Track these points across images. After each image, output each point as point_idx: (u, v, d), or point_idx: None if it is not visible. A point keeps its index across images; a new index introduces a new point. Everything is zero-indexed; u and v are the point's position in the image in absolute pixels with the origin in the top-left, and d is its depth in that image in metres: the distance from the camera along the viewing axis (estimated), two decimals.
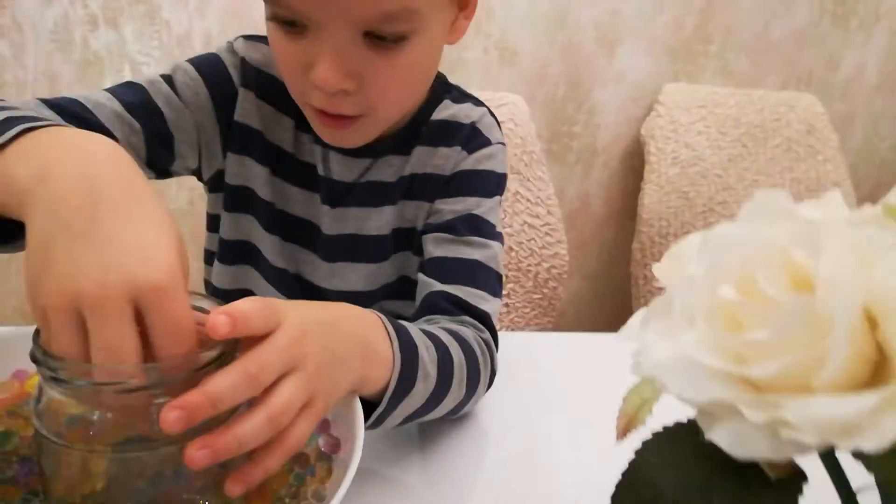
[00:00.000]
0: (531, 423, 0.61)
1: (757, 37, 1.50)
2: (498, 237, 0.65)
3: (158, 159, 0.62)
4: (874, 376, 0.21)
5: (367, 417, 0.44)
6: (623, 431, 0.28)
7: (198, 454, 0.32)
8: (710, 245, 0.24)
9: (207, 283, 0.77)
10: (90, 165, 0.36)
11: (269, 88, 0.65)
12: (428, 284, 0.61)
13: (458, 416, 0.58)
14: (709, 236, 0.24)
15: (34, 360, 0.33)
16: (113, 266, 0.32)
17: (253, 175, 0.67)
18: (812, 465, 0.23)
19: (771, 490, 0.21)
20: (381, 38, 0.52)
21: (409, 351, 0.47)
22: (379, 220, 0.68)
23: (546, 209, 1.13)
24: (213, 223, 0.73)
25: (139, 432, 0.34)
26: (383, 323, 0.47)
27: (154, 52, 1.33)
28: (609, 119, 1.52)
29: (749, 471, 0.22)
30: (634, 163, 1.55)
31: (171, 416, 0.31)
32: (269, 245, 0.69)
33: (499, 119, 0.71)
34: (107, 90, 0.59)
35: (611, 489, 0.26)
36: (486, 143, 0.68)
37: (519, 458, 0.56)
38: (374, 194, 0.67)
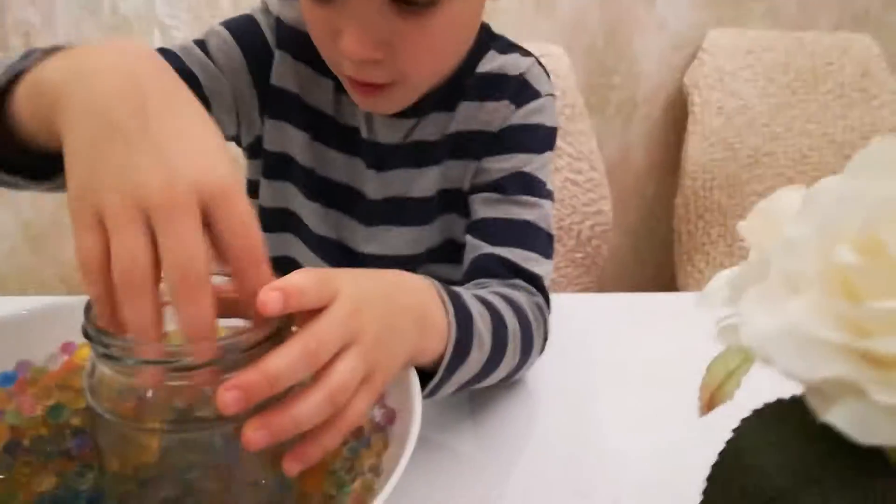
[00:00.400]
0: (580, 387, 0.59)
1: None
2: (549, 195, 0.62)
3: None
4: None
5: (421, 387, 0.43)
6: (707, 406, 0.26)
7: (255, 435, 0.30)
8: (818, 202, 0.21)
9: None
10: (130, 62, 0.34)
11: (306, 48, 0.62)
12: (477, 247, 0.59)
13: (510, 382, 0.57)
14: (816, 192, 0.22)
15: (86, 335, 0.31)
16: (180, 167, 0.30)
17: (291, 141, 0.65)
18: None
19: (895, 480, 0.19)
20: (410, 3, 0.49)
21: (464, 320, 0.45)
22: (424, 182, 0.65)
23: (589, 164, 1.09)
24: (252, 190, 0.71)
25: (193, 409, 0.33)
26: (437, 291, 0.45)
27: (182, 15, 1.31)
28: (650, 68, 1.46)
29: (870, 457, 0.19)
30: (677, 114, 1.49)
31: (228, 396, 0.29)
32: (309, 212, 0.67)
33: None
34: None
35: (662, 453, 0.24)
36: (536, 95, 0.64)
37: (569, 423, 0.55)
38: (419, 154, 0.65)
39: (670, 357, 0.54)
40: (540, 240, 0.60)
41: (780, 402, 0.22)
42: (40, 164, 0.42)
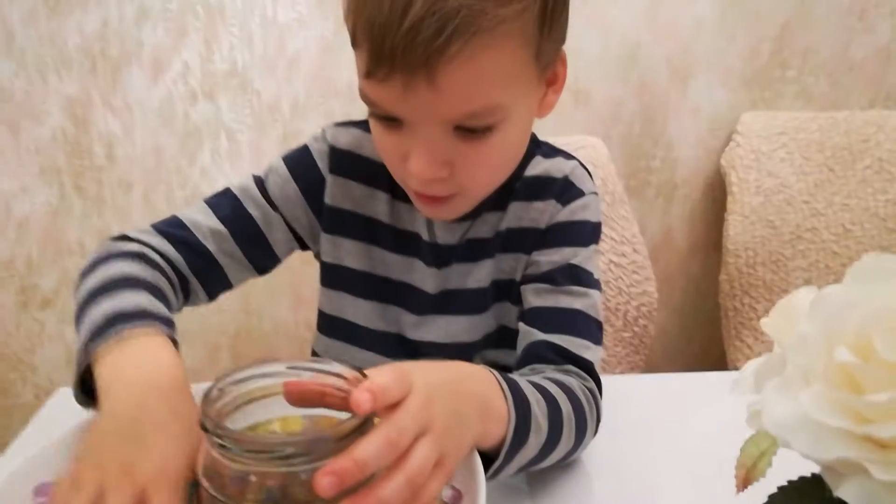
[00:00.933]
0: (634, 465, 0.61)
1: (837, 57, 1.47)
2: (596, 285, 0.67)
3: (256, 257, 0.71)
4: None
5: (485, 470, 0.47)
6: (743, 483, 0.30)
7: None
8: (822, 306, 0.26)
9: (313, 351, 0.82)
10: (148, 387, 0.47)
11: (361, 168, 0.71)
12: (530, 334, 0.64)
13: (566, 462, 0.60)
14: (821, 297, 0.26)
15: (204, 428, 0.37)
16: (138, 463, 0.42)
17: (346, 252, 0.73)
18: None
19: None
20: (470, 131, 0.56)
21: (522, 406, 0.50)
22: (479, 274, 0.71)
23: (632, 247, 1.14)
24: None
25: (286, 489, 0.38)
26: (497, 380, 0.49)
27: (247, 120, 1.43)
28: (687, 153, 1.52)
29: None
30: (716, 194, 1.53)
31: (325, 480, 0.34)
32: (365, 312, 0.73)
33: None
34: (206, 201, 0.70)
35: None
36: (580, 194, 0.70)
37: (624, 501, 0.57)
38: (474, 251, 0.71)
39: (720, 434, 0.56)
40: (589, 327, 0.64)
41: (802, 479, 0.26)
42: None
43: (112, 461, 0.42)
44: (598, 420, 0.60)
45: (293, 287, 1.55)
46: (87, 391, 0.52)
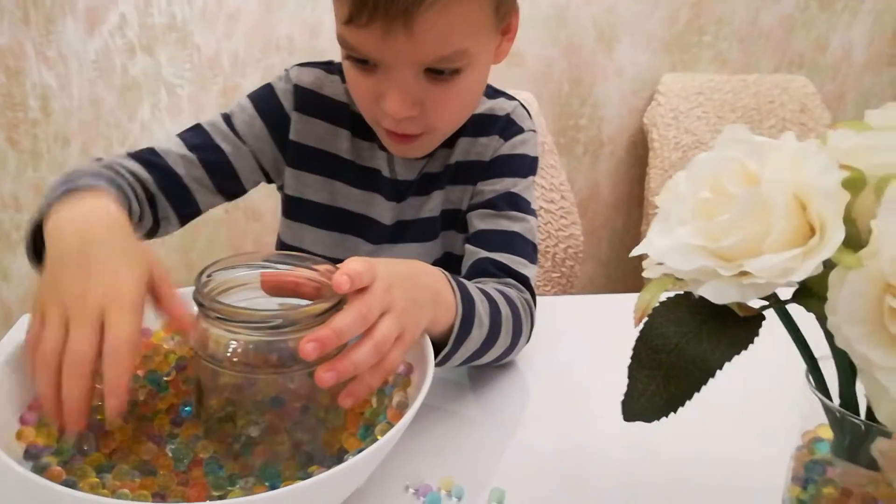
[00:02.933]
0: (559, 369, 0.70)
1: (748, 25, 1.59)
2: (533, 213, 0.75)
3: (226, 185, 0.75)
4: (804, 244, 0.30)
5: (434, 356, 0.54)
6: (639, 319, 0.38)
7: (326, 375, 0.42)
8: (693, 168, 0.34)
9: None
10: (91, 222, 0.50)
11: (323, 107, 0.76)
12: (475, 253, 0.71)
13: (502, 363, 0.67)
14: (692, 163, 0.34)
15: (199, 304, 0.42)
16: (91, 287, 0.44)
17: (307, 186, 0.78)
18: None
19: (741, 325, 0.31)
20: (439, 73, 0.62)
21: (468, 302, 0.57)
22: (430, 205, 0.78)
23: (560, 194, 1.22)
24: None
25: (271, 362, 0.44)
26: (447, 278, 0.57)
27: (186, 75, 1.44)
28: (612, 111, 1.62)
29: (726, 316, 0.31)
30: (639, 151, 1.64)
31: (309, 346, 0.41)
32: (324, 241, 0.79)
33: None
34: (178, 135, 0.74)
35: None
36: (520, 130, 0.78)
37: (550, 395, 0.65)
38: (427, 184, 0.78)
39: (625, 346, 0.65)
40: (527, 248, 0.72)
41: (675, 295, 0.34)
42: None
43: (67, 292, 0.44)
44: (532, 327, 0.68)
45: (234, 242, 1.58)
46: (39, 258, 0.55)
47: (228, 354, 0.43)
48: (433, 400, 0.61)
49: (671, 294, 0.35)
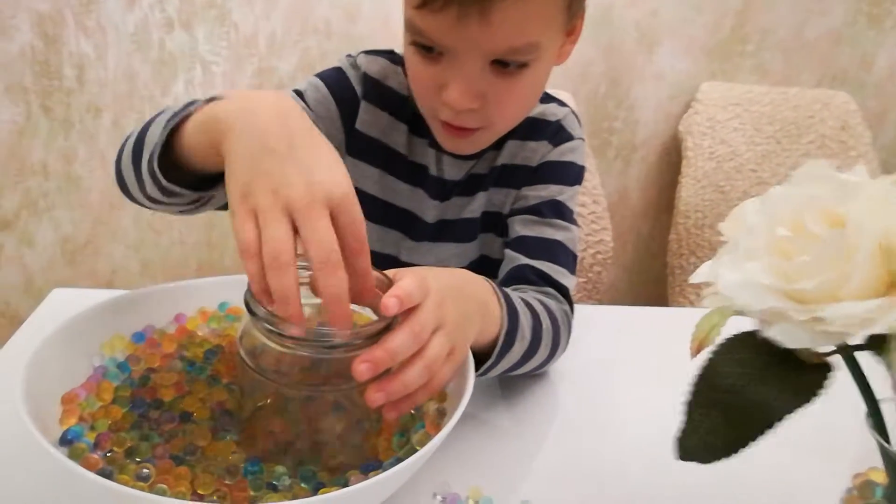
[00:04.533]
0: (594, 377, 0.69)
1: (792, 36, 1.56)
2: (576, 223, 0.74)
3: None
4: (884, 293, 0.29)
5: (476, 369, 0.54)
6: (696, 350, 0.36)
7: (376, 395, 0.42)
8: (768, 202, 0.32)
9: None
10: (282, 106, 0.45)
11: (387, 98, 0.75)
12: (515, 258, 0.70)
13: (537, 373, 0.67)
14: (767, 196, 0.33)
15: (250, 310, 0.42)
16: (315, 181, 0.41)
17: (365, 177, 0.77)
18: None
19: (809, 372, 0.29)
20: (505, 65, 0.61)
21: (512, 314, 0.56)
22: (472, 206, 0.77)
23: (592, 198, 1.21)
24: None
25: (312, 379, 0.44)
26: (493, 288, 0.56)
27: (223, 52, 1.43)
28: (647, 116, 1.59)
29: (794, 361, 0.30)
30: (672, 158, 1.62)
31: (362, 367, 0.40)
32: (368, 233, 0.78)
33: None
34: None
35: (657, 418, 0.34)
36: (570, 137, 0.76)
37: (585, 405, 0.64)
38: (472, 185, 0.77)
39: (656, 359, 0.64)
40: (568, 258, 0.71)
41: (741, 333, 0.33)
42: (199, 185, 0.53)
43: (285, 181, 0.40)
44: (569, 337, 0.67)
45: None
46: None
47: (273, 366, 0.43)
48: (467, 409, 0.61)
49: (735, 332, 0.33)
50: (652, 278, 1.75)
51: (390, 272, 0.46)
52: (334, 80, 0.74)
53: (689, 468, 0.38)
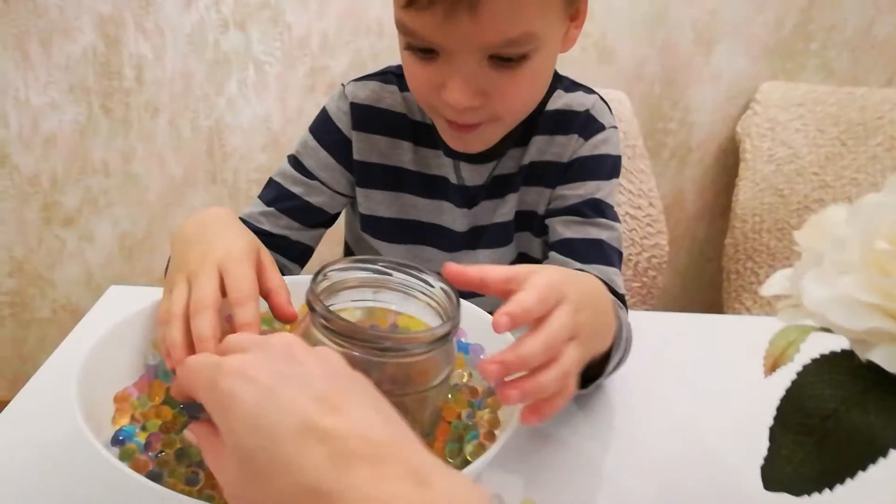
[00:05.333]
0: (645, 389, 0.66)
1: (861, 34, 1.49)
2: (617, 218, 0.72)
3: (312, 219, 0.77)
4: None
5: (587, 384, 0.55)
6: (771, 368, 0.34)
7: (512, 392, 0.40)
8: (860, 210, 0.30)
9: None
10: (204, 216, 0.57)
11: (382, 122, 0.74)
12: (566, 264, 0.68)
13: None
14: (861, 204, 0.30)
15: (311, 307, 0.41)
16: (206, 253, 0.50)
17: (376, 203, 0.77)
18: None
19: None
20: (504, 59, 0.59)
21: (620, 328, 0.55)
22: (504, 208, 0.75)
23: (648, 201, 1.18)
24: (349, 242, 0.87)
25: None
26: (612, 299, 0.55)
27: (276, 53, 1.44)
28: (704, 117, 1.55)
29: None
30: (728, 160, 1.57)
31: (492, 367, 0.40)
32: (398, 254, 0.78)
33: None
34: (258, 196, 0.77)
35: (720, 445, 0.32)
36: (601, 128, 0.73)
37: (639, 415, 0.62)
38: (500, 187, 0.75)
39: (721, 367, 0.61)
40: (615, 257, 0.69)
41: (831, 353, 0.31)
42: None
43: (189, 262, 0.50)
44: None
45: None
46: None
47: None
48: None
49: (823, 351, 0.31)
50: (706, 283, 1.70)
51: (523, 267, 0.45)
52: (320, 128, 0.76)
53: (748, 486, 0.36)
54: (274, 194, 0.75)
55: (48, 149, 1.49)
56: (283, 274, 0.71)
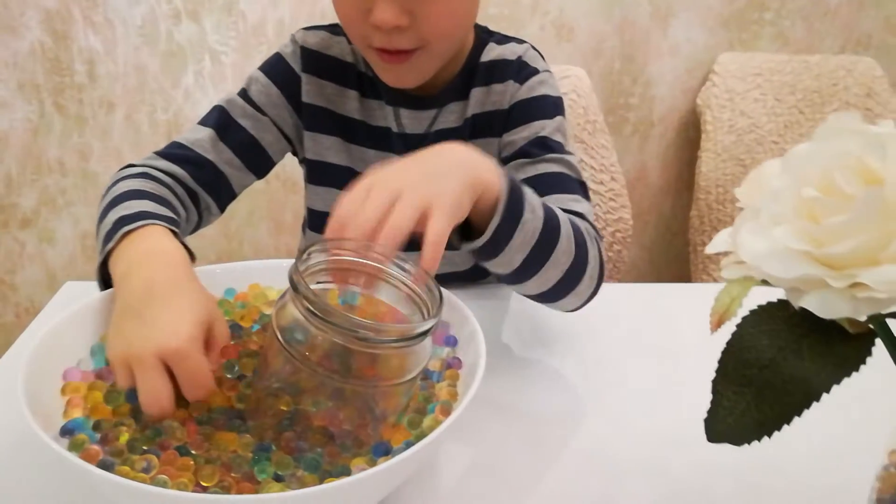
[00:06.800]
0: (613, 359, 0.67)
1: (813, 2, 1.51)
2: (569, 153, 0.71)
3: (254, 162, 0.75)
4: None
5: (482, 233, 0.52)
6: (717, 324, 0.34)
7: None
8: (791, 160, 0.30)
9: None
10: (153, 271, 0.51)
11: (330, 68, 0.75)
12: None
13: (571, 299, 0.61)
14: (790, 155, 0.30)
15: (294, 288, 0.41)
16: (150, 337, 0.45)
17: (325, 148, 0.77)
18: None
19: (850, 343, 0.27)
20: None
21: (514, 184, 0.53)
22: None
23: (610, 175, 1.18)
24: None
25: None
26: (483, 154, 0.53)
27: (231, 42, 1.42)
28: (664, 91, 1.56)
29: (831, 331, 0.28)
30: (690, 133, 1.58)
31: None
32: None
33: (561, 90, 0.77)
34: (199, 122, 0.74)
35: (683, 399, 0.32)
36: (535, 71, 0.75)
37: (606, 386, 0.63)
38: (445, 140, 0.74)
39: (679, 338, 0.62)
40: (573, 185, 0.68)
41: (768, 303, 0.31)
42: None
43: (132, 345, 0.45)
44: (602, 262, 0.62)
45: (273, 213, 1.57)
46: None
47: (302, 345, 0.41)
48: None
49: (760, 300, 0.31)
50: (674, 257, 1.71)
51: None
52: (272, 66, 0.76)
53: (715, 449, 0.36)
54: (219, 121, 0.73)
55: (0, 150, 1.45)
56: (201, 218, 0.72)
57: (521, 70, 0.74)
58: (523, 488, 0.49)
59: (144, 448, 0.41)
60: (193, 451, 0.41)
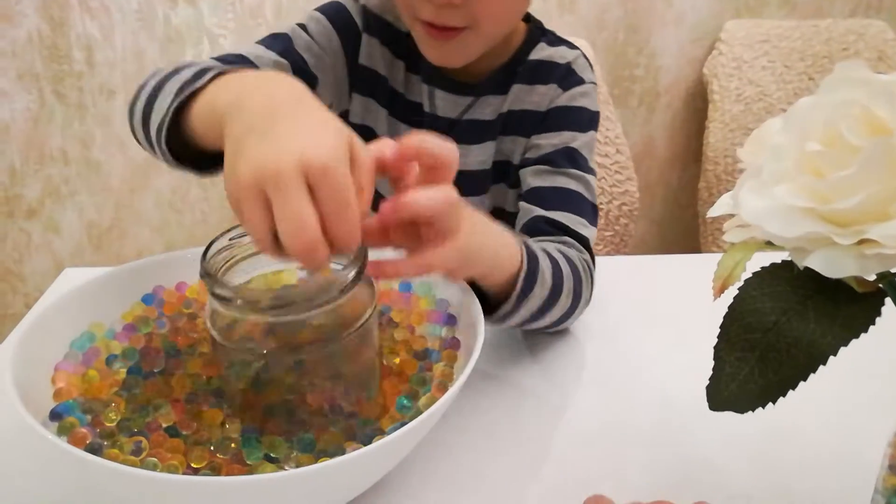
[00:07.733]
0: (620, 334, 0.66)
1: None
2: (592, 171, 0.70)
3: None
4: None
5: (494, 313, 0.52)
6: (720, 290, 0.33)
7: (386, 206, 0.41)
8: (794, 114, 0.29)
9: None
10: (271, 88, 0.42)
11: (387, 33, 0.72)
12: (531, 210, 0.66)
13: (559, 328, 0.64)
14: (793, 109, 0.29)
15: (203, 277, 0.40)
16: (285, 151, 0.36)
17: (375, 116, 0.74)
18: None
19: (857, 304, 0.26)
20: None
21: (531, 258, 0.53)
22: (480, 156, 0.73)
23: (615, 148, 1.16)
24: None
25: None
26: (511, 231, 0.53)
27: (229, 24, 1.40)
28: (670, 61, 1.53)
29: (837, 291, 0.26)
30: (697, 104, 1.55)
31: (386, 205, 0.41)
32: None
33: None
34: (259, 42, 0.68)
35: (692, 370, 0.31)
36: (581, 81, 0.72)
37: (614, 360, 0.61)
38: (476, 132, 0.73)
39: (693, 303, 0.60)
40: (586, 207, 0.67)
41: (771, 265, 0.29)
42: (207, 160, 0.51)
43: (266, 163, 0.36)
44: (592, 289, 0.64)
45: None
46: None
47: (237, 335, 0.41)
48: (488, 366, 0.58)
49: (765, 264, 0.30)
50: (682, 230, 1.69)
51: (413, 139, 0.44)
52: (335, 12, 0.71)
53: (727, 419, 0.35)
54: (285, 47, 0.67)
55: (2, 140, 1.45)
56: None
57: (567, 76, 0.72)
58: (526, 465, 0.48)
59: (135, 430, 0.40)
60: (184, 432, 0.40)
